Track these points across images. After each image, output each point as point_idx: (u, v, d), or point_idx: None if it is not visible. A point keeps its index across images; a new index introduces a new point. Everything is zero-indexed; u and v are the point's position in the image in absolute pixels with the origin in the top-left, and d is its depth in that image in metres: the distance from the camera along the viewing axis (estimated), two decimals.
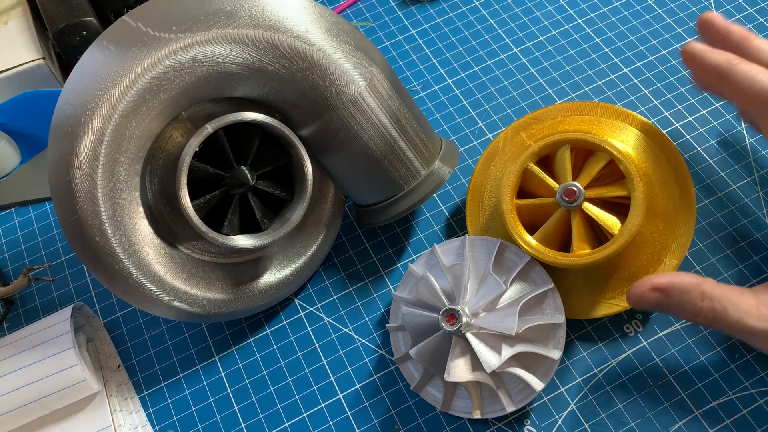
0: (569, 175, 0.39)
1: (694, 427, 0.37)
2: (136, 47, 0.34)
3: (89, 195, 0.33)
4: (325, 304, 0.43)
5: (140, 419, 0.40)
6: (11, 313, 0.45)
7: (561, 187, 0.38)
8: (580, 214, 0.38)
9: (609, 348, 0.40)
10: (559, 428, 0.38)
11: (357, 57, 0.38)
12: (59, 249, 0.47)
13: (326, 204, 0.42)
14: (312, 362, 0.41)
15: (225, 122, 0.35)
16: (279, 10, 0.36)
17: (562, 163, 0.39)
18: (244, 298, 0.40)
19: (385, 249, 0.45)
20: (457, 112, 0.50)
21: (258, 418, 0.40)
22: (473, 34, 0.53)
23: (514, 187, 0.39)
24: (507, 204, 0.39)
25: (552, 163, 0.41)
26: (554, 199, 0.38)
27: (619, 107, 0.42)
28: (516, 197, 0.39)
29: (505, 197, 0.39)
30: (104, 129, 0.33)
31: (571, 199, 0.38)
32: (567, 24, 0.53)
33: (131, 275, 0.35)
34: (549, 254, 0.38)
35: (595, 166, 0.39)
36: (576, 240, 0.38)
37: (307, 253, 0.42)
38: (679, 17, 0.51)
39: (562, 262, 0.37)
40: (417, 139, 0.40)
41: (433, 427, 0.38)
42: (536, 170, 0.39)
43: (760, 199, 0.43)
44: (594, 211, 0.38)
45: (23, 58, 0.50)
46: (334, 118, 0.37)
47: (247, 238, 0.37)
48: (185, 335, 0.43)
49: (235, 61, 0.35)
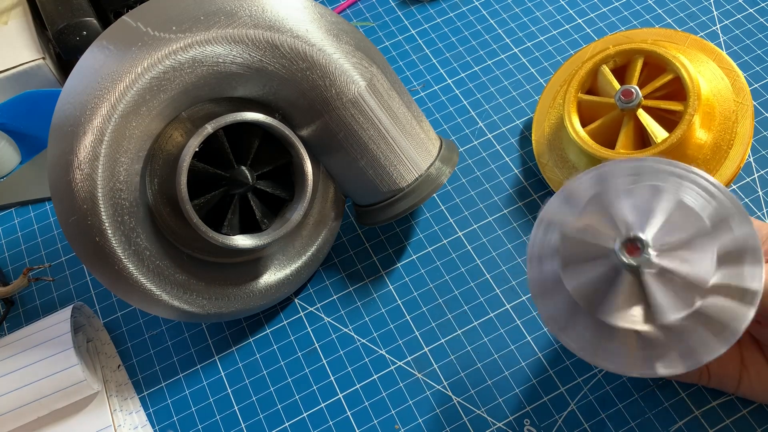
0: (634, 80, 0.42)
1: (694, 427, 0.37)
2: (136, 47, 0.34)
3: (89, 195, 0.33)
4: (325, 304, 0.43)
5: (140, 419, 0.40)
6: (11, 313, 0.45)
7: (621, 87, 0.41)
8: (633, 120, 0.41)
9: None
10: (559, 428, 0.38)
11: (357, 57, 0.38)
12: (59, 249, 0.47)
13: (326, 204, 0.42)
14: (312, 362, 0.41)
15: (225, 122, 0.35)
16: (279, 10, 0.36)
17: (632, 70, 0.42)
18: (244, 298, 0.40)
19: (385, 249, 0.45)
20: (457, 112, 0.50)
21: (258, 418, 0.40)
22: (473, 34, 0.53)
23: (582, 81, 0.43)
24: (570, 94, 0.42)
25: (626, 75, 0.43)
26: (613, 100, 0.41)
27: (706, 42, 0.44)
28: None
29: (571, 89, 0.43)
30: (104, 129, 0.33)
31: (627, 99, 0.40)
32: (567, 24, 0.53)
33: (131, 275, 0.35)
34: (592, 145, 0.40)
35: (661, 80, 0.41)
36: (621, 140, 0.40)
37: (307, 253, 0.42)
38: (679, 17, 0.51)
39: (603, 154, 0.40)
40: (417, 139, 0.40)
41: (433, 427, 0.38)
42: (606, 71, 0.42)
43: (760, 199, 0.43)
44: (646, 118, 0.41)
45: (23, 58, 0.50)
46: (334, 118, 0.37)
47: (247, 238, 0.37)
48: (185, 335, 0.43)
49: (235, 61, 0.35)
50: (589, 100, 0.43)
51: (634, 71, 0.42)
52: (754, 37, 0.50)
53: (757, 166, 0.44)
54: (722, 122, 0.41)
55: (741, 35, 0.50)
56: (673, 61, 0.41)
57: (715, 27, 0.51)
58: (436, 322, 0.42)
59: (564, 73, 0.46)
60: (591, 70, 0.43)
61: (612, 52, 0.43)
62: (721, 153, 0.40)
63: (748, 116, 0.41)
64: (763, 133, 0.45)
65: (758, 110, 0.46)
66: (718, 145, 0.40)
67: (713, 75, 0.42)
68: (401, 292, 0.43)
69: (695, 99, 0.39)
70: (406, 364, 0.41)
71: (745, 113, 0.41)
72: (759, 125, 0.46)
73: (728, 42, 0.50)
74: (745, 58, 0.49)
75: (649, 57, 0.42)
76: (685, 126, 0.39)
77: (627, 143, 0.41)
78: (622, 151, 0.40)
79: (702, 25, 0.51)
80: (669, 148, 0.39)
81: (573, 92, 0.43)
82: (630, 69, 0.43)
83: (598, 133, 0.42)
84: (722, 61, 0.43)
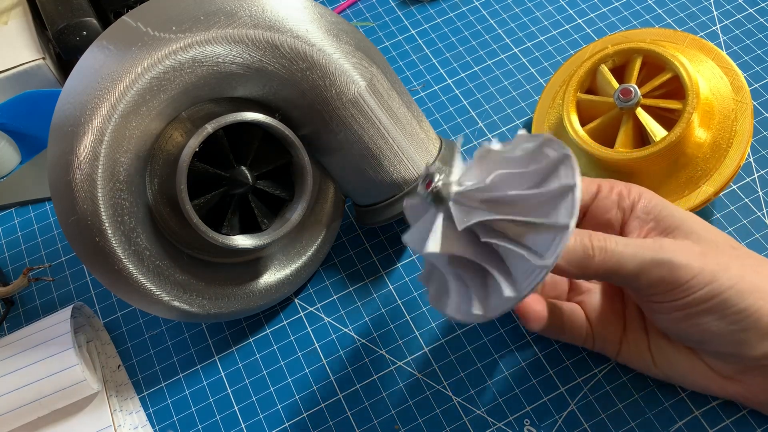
0: (633, 79, 0.42)
1: (694, 427, 0.37)
2: (136, 47, 0.34)
3: (89, 195, 0.33)
4: (325, 304, 0.43)
5: (140, 419, 0.40)
6: (11, 313, 0.45)
7: (620, 86, 0.41)
8: (632, 119, 0.41)
9: None
10: (559, 428, 0.38)
11: (357, 57, 0.38)
12: (59, 249, 0.47)
13: (326, 204, 0.42)
14: (312, 362, 0.41)
15: (225, 122, 0.35)
16: (279, 10, 0.36)
17: (630, 70, 0.42)
18: (244, 298, 0.40)
19: (385, 249, 0.45)
20: (457, 112, 0.50)
21: (258, 418, 0.40)
22: (473, 34, 0.53)
23: (581, 81, 0.43)
24: (570, 93, 0.42)
25: (624, 74, 0.43)
26: (612, 99, 0.41)
27: (705, 41, 0.44)
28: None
29: (570, 88, 0.43)
30: (104, 129, 0.33)
31: (626, 97, 0.40)
32: (567, 24, 0.53)
33: (131, 275, 0.35)
34: (591, 144, 0.41)
35: (659, 78, 0.41)
36: (621, 139, 0.41)
37: (307, 253, 0.42)
38: (679, 17, 0.51)
39: (601, 154, 0.40)
40: (417, 139, 0.40)
41: (433, 427, 0.38)
42: (605, 71, 0.42)
43: (760, 199, 0.43)
44: (645, 117, 0.41)
45: (23, 58, 0.50)
46: (334, 118, 0.37)
47: (247, 238, 0.37)
48: (185, 335, 0.43)
49: (235, 61, 0.35)
50: (588, 100, 0.43)
51: (632, 70, 0.42)
52: (754, 37, 0.50)
53: (757, 165, 0.44)
54: (721, 121, 0.41)
55: (741, 35, 0.50)
56: (672, 60, 0.41)
57: (715, 27, 0.51)
58: (436, 322, 0.42)
59: (564, 73, 0.46)
60: (590, 69, 0.43)
61: (611, 51, 0.43)
62: (720, 151, 0.40)
63: (748, 115, 0.41)
64: (763, 133, 0.45)
65: (758, 110, 0.46)
66: (718, 143, 0.40)
67: (712, 74, 0.42)
68: (401, 292, 0.43)
69: (694, 97, 0.39)
70: (406, 364, 0.41)
71: (745, 112, 0.41)
72: (759, 125, 0.46)
73: (728, 42, 0.50)
74: (745, 58, 0.49)
75: (647, 56, 0.42)
76: (684, 124, 0.39)
77: (626, 142, 0.41)
78: (621, 150, 0.40)
79: (702, 25, 0.51)
80: (668, 147, 0.39)
81: (572, 92, 0.43)
82: (629, 68, 0.43)
83: (597, 132, 0.42)
84: (721, 60, 0.43)
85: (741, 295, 0.31)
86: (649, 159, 0.40)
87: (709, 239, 0.33)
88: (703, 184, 0.40)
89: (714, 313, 0.31)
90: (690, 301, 0.31)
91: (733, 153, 0.40)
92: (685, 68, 0.40)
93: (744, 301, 0.31)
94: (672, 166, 0.40)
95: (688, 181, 0.40)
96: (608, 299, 0.38)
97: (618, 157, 0.40)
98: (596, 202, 0.35)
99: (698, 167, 0.40)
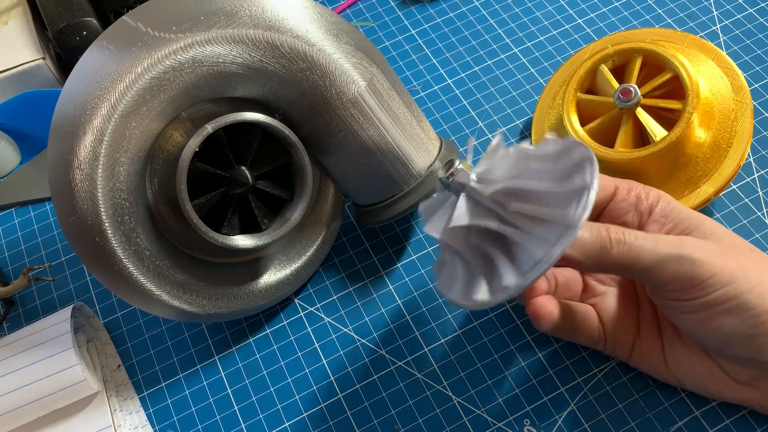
0: (633, 79, 0.42)
1: (694, 427, 0.37)
2: (136, 47, 0.34)
3: (89, 195, 0.33)
4: (325, 304, 0.43)
5: (140, 419, 0.40)
6: (11, 313, 0.45)
7: (620, 86, 0.41)
8: (632, 119, 0.41)
9: None
10: (559, 428, 0.38)
11: (357, 57, 0.38)
12: (59, 249, 0.47)
13: (326, 204, 0.42)
14: (312, 362, 0.41)
15: (225, 122, 0.35)
16: (279, 10, 0.36)
17: (630, 70, 0.42)
18: (244, 298, 0.40)
19: (385, 249, 0.45)
20: (457, 112, 0.50)
21: (258, 418, 0.40)
22: (473, 34, 0.53)
23: (581, 81, 0.43)
24: (569, 93, 0.43)
25: (624, 74, 0.43)
26: (612, 99, 0.41)
27: (705, 41, 0.44)
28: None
29: (570, 88, 0.43)
30: (104, 129, 0.33)
31: (626, 97, 0.40)
32: (567, 24, 0.53)
33: (131, 275, 0.35)
34: (591, 144, 0.41)
35: (659, 78, 0.42)
36: (621, 139, 0.41)
37: (307, 253, 0.42)
38: (679, 17, 0.51)
39: (601, 154, 0.40)
40: (417, 139, 0.40)
41: (433, 427, 0.38)
42: (605, 71, 0.43)
43: (760, 199, 0.43)
44: (645, 117, 0.41)
45: (23, 58, 0.50)
46: (334, 118, 0.37)
47: (247, 238, 0.37)
48: (185, 335, 0.43)
49: (235, 61, 0.35)
50: (588, 100, 0.43)
51: (632, 70, 0.42)
52: (754, 37, 0.50)
53: (757, 165, 0.44)
54: (721, 120, 0.41)
55: (741, 35, 0.50)
56: (672, 60, 0.41)
57: (715, 27, 0.51)
58: (436, 322, 0.42)
59: (564, 73, 0.46)
60: (590, 69, 0.43)
61: (611, 51, 0.43)
62: (720, 151, 0.40)
63: (748, 114, 0.41)
64: (763, 133, 0.45)
65: (758, 110, 0.46)
66: (718, 143, 0.40)
67: (712, 73, 0.42)
68: (401, 292, 0.43)
69: (694, 97, 0.40)
70: (406, 364, 0.41)
71: (745, 111, 0.41)
72: (759, 125, 0.46)
73: (728, 42, 0.50)
74: (745, 58, 0.49)
75: (647, 56, 0.42)
76: (684, 124, 0.39)
77: (626, 142, 0.41)
78: (621, 150, 0.40)
79: (702, 25, 0.51)
80: (668, 147, 0.39)
81: (572, 92, 0.43)
82: (629, 68, 0.43)
83: (597, 132, 0.42)
84: (721, 60, 0.43)
85: (761, 298, 0.30)
86: (649, 159, 0.40)
87: (729, 241, 0.32)
88: (703, 184, 0.40)
89: (733, 314, 0.31)
90: (709, 300, 0.31)
91: (733, 153, 0.40)
92: (685, 68, 0.40)
93: (764, 304, 0.30)
94: (672, 166, 0.40)
95: (688, 181, 0.41)
96: (623, 302, 0.37)
97: (618, 157, 0.40)
98: (613, 204, 0.34)
99: (698, 167, 0.40)
